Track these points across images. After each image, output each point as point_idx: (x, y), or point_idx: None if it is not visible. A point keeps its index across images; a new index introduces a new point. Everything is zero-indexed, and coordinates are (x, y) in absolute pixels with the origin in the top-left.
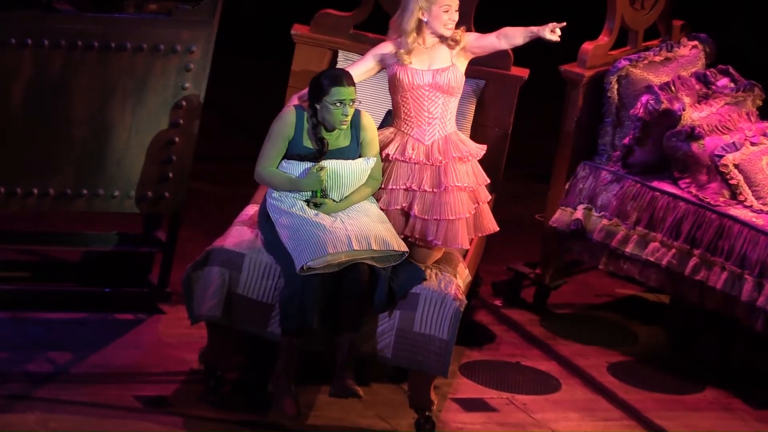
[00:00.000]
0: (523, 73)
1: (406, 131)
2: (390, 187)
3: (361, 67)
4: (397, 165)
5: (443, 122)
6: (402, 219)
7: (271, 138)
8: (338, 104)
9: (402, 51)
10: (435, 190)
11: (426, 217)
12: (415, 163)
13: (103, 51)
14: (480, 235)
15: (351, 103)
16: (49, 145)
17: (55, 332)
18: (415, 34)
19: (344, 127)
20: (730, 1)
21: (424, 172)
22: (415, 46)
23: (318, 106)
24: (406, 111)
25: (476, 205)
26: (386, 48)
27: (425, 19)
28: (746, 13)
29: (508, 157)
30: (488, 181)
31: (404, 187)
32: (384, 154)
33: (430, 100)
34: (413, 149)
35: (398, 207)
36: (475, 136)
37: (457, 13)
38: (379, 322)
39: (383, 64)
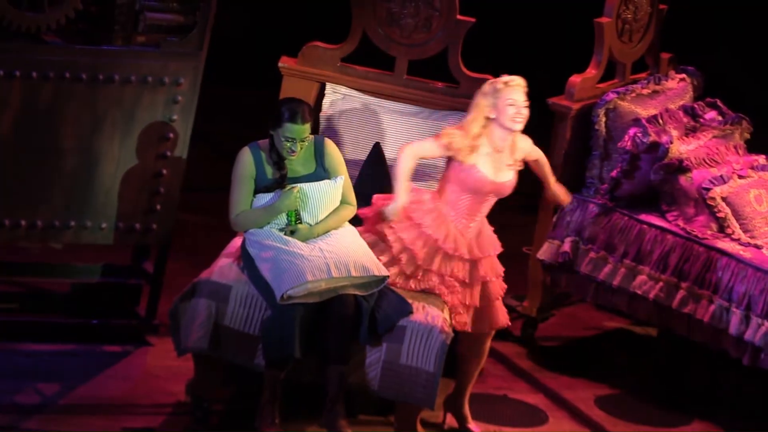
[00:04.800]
0: None
1: (451, 217)
2: (427, 267)
3: (427, 151)
4: (441, 252)
5: (483, 217)
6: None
7: (237, 182)
8: (289, 140)
9: (469, 151)
10: (467, 281)
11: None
12: (458, 257)
13: (91, 83)
14: (490, 330)
15: (302, 140)
16: (37, 177)
17: (43, 363)
18: (482, 135)
19: (292, 157)
20: (716, 32)
21: (464, 264)
22: (481, 146)
23: (272, 133)
24: (461, 203)
25: (497, 299)
26: (456, 139)
27: (493, 116)
28: (732, 42)
29: None
30: (502, 271)
31: (438, 272)
32: (431, 237)
33: (488, 201)
34: (459, 244)
35: (429, 287)
36: None
37: (527, 109)
38: (367, 354)
39: (450, 154)
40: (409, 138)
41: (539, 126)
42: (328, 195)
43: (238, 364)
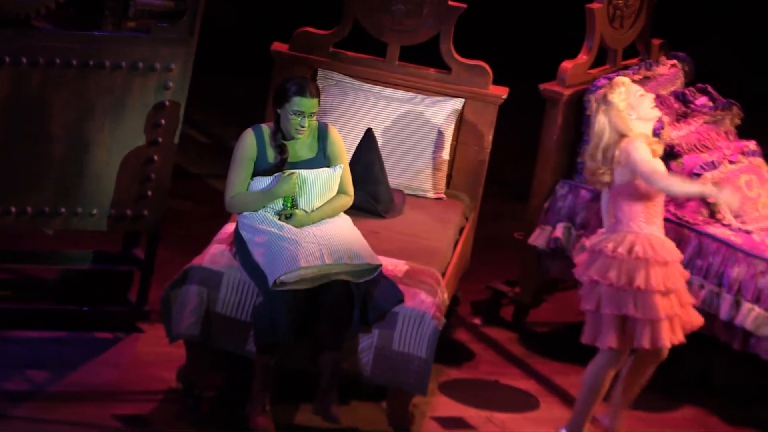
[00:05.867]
0: (502, 91)
1: (654, 231)
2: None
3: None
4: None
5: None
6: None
7: (236, 163)
8: (297, 114)
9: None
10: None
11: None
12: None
13: (81, 69)
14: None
15: (311, 116)
16: (28, 163)
17: (34, 351)
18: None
19: (300, 136)
20: (707, 18)
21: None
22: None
23: (279, 112)
24: (648, 213)
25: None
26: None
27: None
28: (724, 29)
29: (488, 175)
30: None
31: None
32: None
33: (660, 196)
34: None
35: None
36: (456, 154)
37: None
38: (359, 340)
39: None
40: (400, 124)
41: (530, 111)
42: (326, 183)
43: (230, 351)
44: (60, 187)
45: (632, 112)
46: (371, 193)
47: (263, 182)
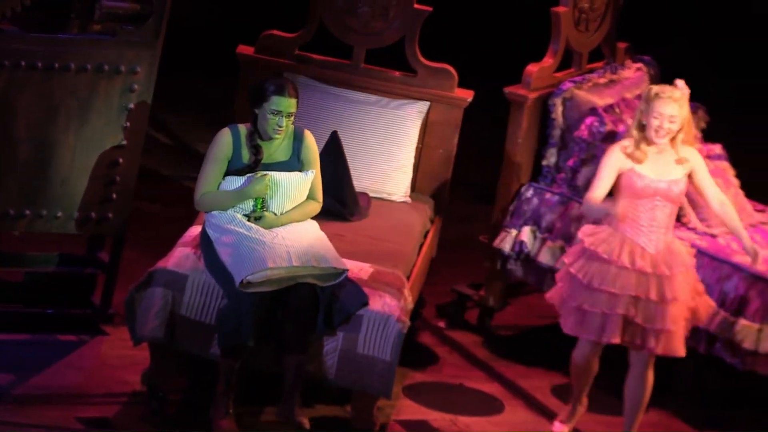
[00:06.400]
0: (468, 94)
1: (630, 236)
2: (615, 291)
3: (605, 184)
4: (626, 272)
5: (667, 230)
6: (621, 323)
7: (210, 161)
8: (275, 113)
9: (634, 152)
10: (658, 299)
11: (648, 326)
12: (642, 273)
13: (46, 71)
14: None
15: (288, 116)
16: None
17: None
18: (641, 139)
19: (277, 136)
20: (673, 21)
21: (651, 282)
22: (642, 151)
23: (257, 112)
24: (634, 216)
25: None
26: (615, 154)
27: (644, 122)
28: (690, 32)
29: (454, 178)
30: (702, 288)
31: (633, 294)
32: (609, 257)
33: (658, 208)
34: (642, 259)
35: (622, 312)
36: (421, 157)
37: (673, 123)
38: (324, 343)
39: (619, 171)
40: (366, 127)
41: (496, 114)
42: (297, 187)
43: (194, 354)
44: (25, 189)
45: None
46: (337, 196)
47: (235, 182)
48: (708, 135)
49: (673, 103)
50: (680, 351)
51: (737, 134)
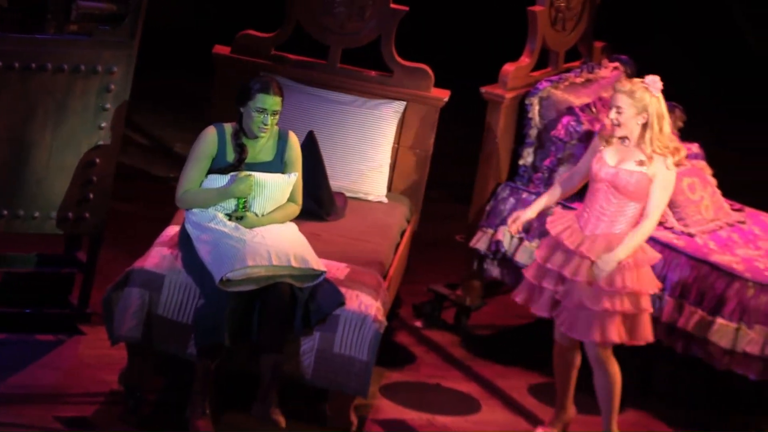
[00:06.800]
0: (444, 94)
1: (577, 216)
2: (547, 266)
3: (581, 163)
4: (560, 250)
5: (612, 223)
6: (549, 298)
7: (193, 159)
8: (260, 111)
9: (604, 138)
10: (570, 277)
11: (563, 303)
12: (568, 251)
13: (23, 71)
14: (633, 343)
15: (274, 114)
16: None
17: None
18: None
19: (263, 134)
20: (654, 19)
21: (572, 262)
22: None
23: (242, 110)
24: (589, 200)
25: (636, 311)
26: (596, 138)
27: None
28: (672, 30)
29: (430, 178)
30: (652, 291)
31: (556, 270)
32: (556, 236)
33: (601, 192)
34: (570, 237)
35: (549, 287)
36: (397, 157)
37: (620, 115)
38: (301, 343)
39: (593, 154)
40: (342, 126)
41: (472, 115)
42: (280, 189)
43: (171, 354)
44: (1, 189)
45: None
46: (313, 195)
47: (218, 181)
48: (685, 134)
49: (620, 95)
50: (581, 335)
51: (717, 133)
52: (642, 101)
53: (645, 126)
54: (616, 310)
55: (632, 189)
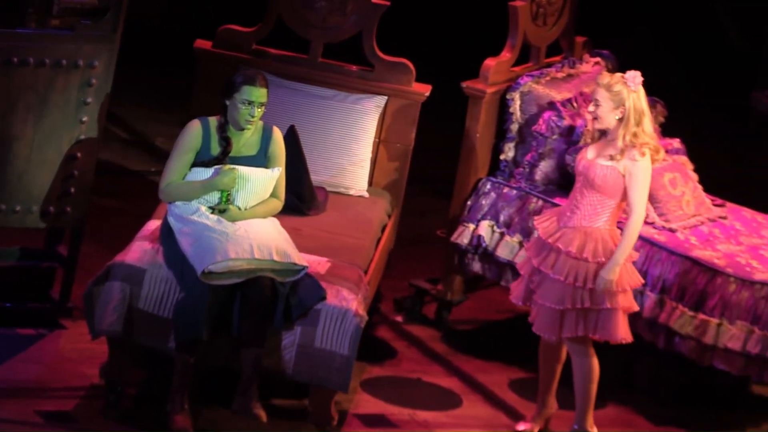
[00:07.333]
0: (425, 89)
1: (562, 211)
2: (528, 255)
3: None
4: (538, 240)
5: (583, 217)
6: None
7: (177, 152)
8: (246, 103)
9: (588, 133)
10: (538, 266)
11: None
12: (540, 241)
13: (4, 66)
14: (600, 339)
15: (260, 106)
16: None
17: None
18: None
19: (249, 127)
20: (634, 13)
21: (543, 253)
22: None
23: (228, 103)
24: (571, 193)
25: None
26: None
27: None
28: (652, 24)
29: (412, 173)
30: (634, 285)
31: (536, 262)
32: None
33: (579, 189)
34: (545, 228)
35: (525, 275)
36: (378, 151)
37: (598, 108)
38: (282, 338)
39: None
40: (323, 121)
41: (453, 110)
42: (263, 183)
43: (152, 348)
44: None
45: None
46: (294, 190)
47: (202, 173)
48: (667, 129)
49: (598, 88)
50: (541, 330)
51: (698, 128)
52: (619, 95)
53: (621, 120)
54: (575, 308)
55: (600, 182)
